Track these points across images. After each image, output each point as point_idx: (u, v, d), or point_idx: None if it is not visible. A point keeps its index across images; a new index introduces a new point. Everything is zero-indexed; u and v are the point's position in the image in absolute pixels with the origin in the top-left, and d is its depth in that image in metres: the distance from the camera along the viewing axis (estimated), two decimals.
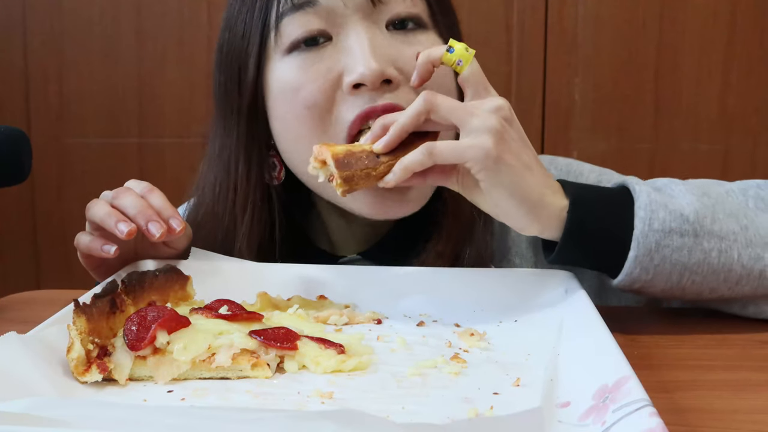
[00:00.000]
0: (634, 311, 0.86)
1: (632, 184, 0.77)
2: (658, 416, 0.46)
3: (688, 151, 1.87)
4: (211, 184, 0.93)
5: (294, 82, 0.84)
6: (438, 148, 0.70)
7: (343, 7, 0.82)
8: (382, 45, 0.83)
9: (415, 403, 0.56)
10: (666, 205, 0.74)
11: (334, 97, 0.83)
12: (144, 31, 1.92)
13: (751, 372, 0.67)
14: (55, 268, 2.00)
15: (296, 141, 0.86)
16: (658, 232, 0.73)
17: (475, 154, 0.69)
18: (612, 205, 0.75)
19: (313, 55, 0.83)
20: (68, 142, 1.97)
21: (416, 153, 0.70)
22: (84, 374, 0.59)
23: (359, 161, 0.71)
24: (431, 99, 0.71)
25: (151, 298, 0.70)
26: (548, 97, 1.88)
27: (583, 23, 1.86)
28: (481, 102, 0.73)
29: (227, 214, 0.91)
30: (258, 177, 0.90)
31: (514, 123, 0.73)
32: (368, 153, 0.72)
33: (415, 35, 0.85)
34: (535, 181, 0.72)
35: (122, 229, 0.78)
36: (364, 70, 0.80)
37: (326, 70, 0.83)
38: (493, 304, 0.78)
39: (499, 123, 0.70)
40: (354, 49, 0.81)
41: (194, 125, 1.91)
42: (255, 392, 0.59)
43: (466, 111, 0.71)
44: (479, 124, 0.70)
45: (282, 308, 0.75)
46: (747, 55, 1.85)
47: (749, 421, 0.56)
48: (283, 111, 0.86)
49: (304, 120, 0.84)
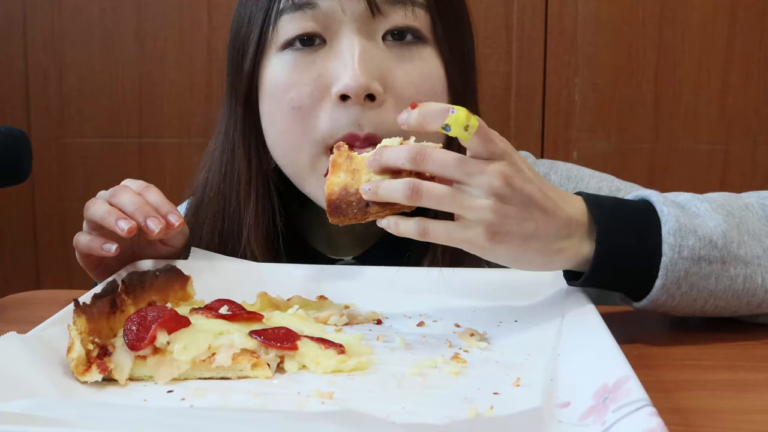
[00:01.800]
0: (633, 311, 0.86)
1: (657, 203, 0.73)
2: (658, 416, 0.46)
3: (688, 151, 1.87)
4: (216, 171, 0.94)
5: (284, 81, 0.85)
6: (432, 230, 0.67)
7: (341, 14, 0.82)
8: (375, 57, 0.82)
9: (415, 403, 0.56)
10: (695, 230, 0.71)
11: (322, 102, 0.83)
12: (144, 31, 1.92)
13: (751, 372, 0.67)
14: (55, 268, 2.00)
15: (280, 137, 0.88)
16: (687, 260, 0.70)
17: (470, 246, 0.68)
18: (639, 231, 0.71)
19: (306, 56, 0.84)
20: (68, 142, 1.96)
21: (410, 225, 0.67)
22: (84, 374, 0.59)
23: (349, 208, 0.68)
24: (417, 190, 0.65)
25: (151, 298, 0.70)
26: (548, 97, 1.88)
27: (583, 23, 1.86)
28: (473, 176, 0.66)
29: (232, 202, 0.92)
30: (258, 165, 0.91)
31: (515, 182, 0.66)
32: (359, 199, 0.68)
33: (411, 50, 0.85)
34: (541, 244, 0.68)
35: (122, 226, 0.78)
36: (350, 82, 0.80)
37: (317, 74, 0.83)
38: (493, 304, 0.78)
39: (493, 211, 0.66)
40: (345, 57, 0.81)
41: (194, 125, 1.91)
42: (255, 392, 0.59)
43: (456, 201, 0.66)
44: (472, 216, 0.66)
45: (282, 308, 0.75)
46: (747, 55, 1.85)
47: (749, 421, 0.56)
48: (270, 107, 0.87)
49: (288, 119, 0.85)
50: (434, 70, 0.86)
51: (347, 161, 0.69)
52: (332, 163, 0.70)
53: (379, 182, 0.67)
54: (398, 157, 0.66)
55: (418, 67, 0.85)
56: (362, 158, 0.69)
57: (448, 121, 0.65)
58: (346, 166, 0.69)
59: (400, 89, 0.83)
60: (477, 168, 0.66)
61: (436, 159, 0.66)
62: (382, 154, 0.67)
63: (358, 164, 0.69)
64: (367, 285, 0.81)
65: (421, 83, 0.85)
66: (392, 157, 0.67)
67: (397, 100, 0.83)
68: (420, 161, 0.66)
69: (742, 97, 1.86)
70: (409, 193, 0.65)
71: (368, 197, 0.67)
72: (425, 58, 0.85)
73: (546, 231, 0.68)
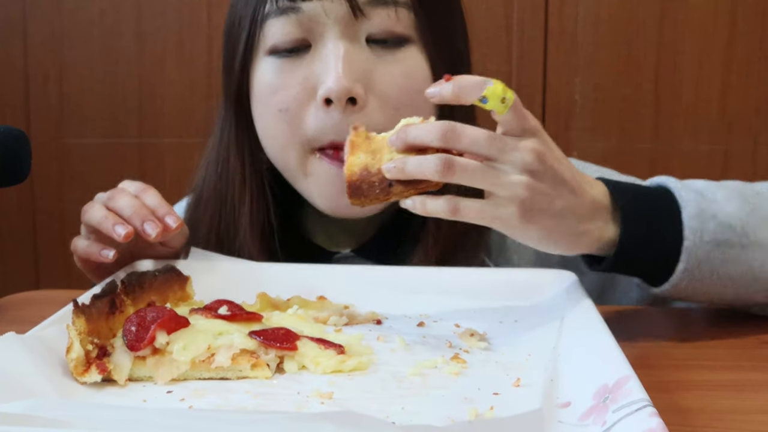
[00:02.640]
0: (634, 311, 0.86)
1: (675, 189, 0.74)
2: (658, 416, 0.46)
3: (688, 151, 1.87)
4: (212, 170, 0.95)
5: (271, 85, 0.86)
6: (464, 208, 0.65)
7: (324, 17, 0.83)
8: (358, 59, 0.83)
9: (415, 403, 0.56)
10: (715, 215, 0.72)
11: (307, 105, 0.85)
12: (144, 31, 1.92)
13: (751, 372, 0.67)
14: (55, 268, 2.00)
15: (269, 138, 0.89)
16: (708, 244, 0.71)
17: (501, 224, 0.67)
18: (660, 216, 0.72)
19: (291, 62, 0.85)
20: (68, 142, 1.96)
21: (440, 204, 0.65)
22: (83, 374, 0.59)
23: (371, 189, 0.66)
24: (450, 165, 0.63)
25: (150, 299, 0.70)
26: (548, 97, 1.88)
27: (583, 23, 1.85)
28: (506, 153, 0.65)
29: (228, 201, 0.92)
30: (251, 164, 0.92)
31: (547, 160, 0.66)
32: (381, 179, 0.66)
33: (394, 51, 0.85)
34: (568, 224, 0.68)
35: (119, 231, 0.78)
36: (332, 85, 0.81)
37: (303, 78, 0.84)
38: (493, 304, 0.78)
39: (526, 188, 0.65)
40: (328, 61, 0.82)
41: (194, 125, 1.91)
42: (254, 392, 0.59)
43: (488, 178, 0.65)
44: (504, 194, 0.65)
45: (282, 308, 0.75)
46: (747, 55, 1.85)
47: (749, 421, 0.56)
48: (259, 109, 0.89)
49: (276, 121, 0.87)
50: (419, 69, 0.86)
51: (366, 141, 0.68)
52: (351, 144, 0.68)
53: (405, 159, 0.65)
54: (427, 135, 0.64)
55: (402, 67, 0.85)
56: (382, 138, 0.68)
57: (486, 93, 0.64)
58: (365, 147, 0.67)
59: (384, 90, 0.84)
60: (510, 144, 0.65)
61: (469, 135, 0.64)
62: (407, 132, 0.65)
63: (377, 144, 0.67)
64: (367, 285, 0.81)
65: (405, 83, 0.85)
66: (420, 135, 0.65)
67: (381, 101, 0.84)
68: (452, 138, 0.64)
69: (742, 97, 1.85)
70: (442, 169, 0.63)
71: (393, 176, 0.65)
72: (409, 58, 0.85)
73: (573, 211, 0.68)
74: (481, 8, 1.83)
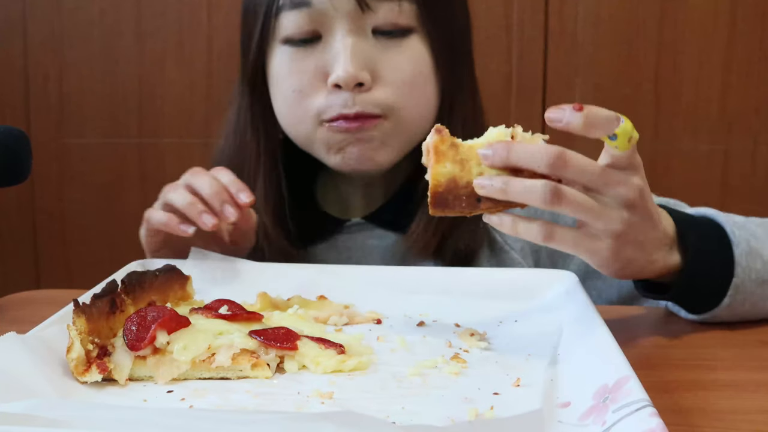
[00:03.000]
0: (634, 311, 0.86)
1: (726, 224, 0.75)
2: (658, 416, 0.46)
3: (688, 151, 1.87)
4: (230, 145, 1.02)
5: (287, 70, 0.94)
6: (559, 235, 0.64)
7: (333, 11, 0.90)
8: (364, 50, 0.90)
9: (415, 403, 0.56)
10: (762, 254, 0.75)
11: (318, 88, 0.92)
12: (144, 31, 1.92)
13: (751, 372, 0.67)
14: (55, 268, 2.00)
15: (284, 115, 0.97)
16: (753, 282, 0.74)
17: (591, 255, 0.67)
18: (718, 251, 0.74)
19: (304, 51, 0.92)
20: (68, 142, 1.96)
21: (534, 229, 0.63)
22: (84, 374, 0.59)
23: (457, 201, 0.63)
24: (558, 194, 0.61)
25: (151, 298, 0.70)
26: (548, 97, 1.88)
27: (583, 23, 1.85)
28: (611, 187, 0.65)
29: (243, 174, 0.96)
30: (266, 140, 0.99)
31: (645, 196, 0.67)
32: (470, 193, 0.62)
33: (399, 43, 0.92)
34: (646, 254, 0.69)
35: (206, 221, 0.82)
36: (341, 74, 0.88)
37: (314, 66, 0.92)
38: (493, 304, 0.78)
39: (624, 223, 0.65)
40: (337, 52, 0.90)
41: (194, 125, 1.91)
42: (255, 392, 0.59)
43: (592, 211, 0.64)
44: (602, 227, 0.65)
45: (282, 308, 0.75)
46: (747, 55, 1.85)
47: (749, 421, 0.56)
48: (276, 90, 0.97)
49: (290, 100, 0.94)
50: (421, 57, 0.93)
51: (451, 149, 0.63)
52: (435, 150, 0.63)
53: (507, 180, 0.61)
54: (534, 159, 0.61)
55: (405, 56, 0.92)
56: (468, 146, 0.63)
57: (618, 130, 0.63)
58: (451, 155, 0.63)
59: (388, 76, 0.91)
60: (616, 178, 0.64)
61: (578, 166, 0.63)
62: (511, 151, 0.62)
63: (464, 153, 0.63)
64: (367, 285, 0.81)
65: (408, 69, 0.92)
66: (526, 158, 0.61)
67: (385, 84, 0.92)
68: (560, 167, 0.62)
69: (742, 97, 1.85)
70: (550, 197, 0.61)
71: (488, 194, 0.62)
72: (412, 47, 0.92)
73: (652, 243, 0.69)
74: (481, 8, 1.83)
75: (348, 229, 1.01)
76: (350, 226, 1.01)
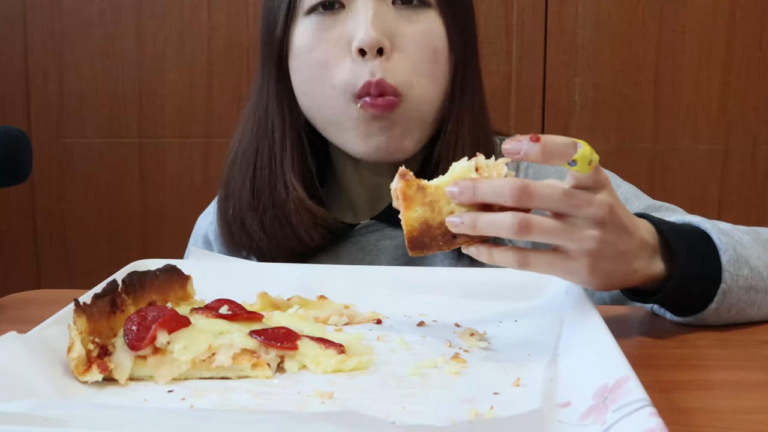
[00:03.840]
0: (634, 311, 0.86)
1: (712, 231, 0.76)
2: (658, 416, 0.46)
3: (688, 151, 1.87)
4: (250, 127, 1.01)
5: (310, 41, 0.94)
6: (534, 261, 0.66)
7: None
8: (385, 17, 0.92)
9: (415, 403, 0.56)
10: (748, 261, 0.75)
11: (343, 58, 0.93)
12: (144, 31, 1.92)
13: (751, 372, 0.67)
14: (55, 268, 2.00)
15: (307, 89, 0.97)
16: (741, 289, 0.75)
17: (571, 277, 0.68)
18: (704, 258, 0.75)
19: (327, 19, 0.94)
20: (68, 142, 1.97)
21: (508, 255, 0.65)
22: (84, 374, 0.59)
23: (434, 242, 0.65)
24: (526, 225, 0.63)
25: (151, 298, 0.70)
26: (548, 97, 1.88)
27: (583, 23, 1.86)
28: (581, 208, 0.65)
29: (265, 152, 0.99)
30: (290, 121, 1.00)
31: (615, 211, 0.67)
32: (444, 232, 0.65)
33: (417, 12, 0.94)
34: (625, 265, 0.69)
35: None
36: (364, 37, 0.90)
37: (338, 35, 0.93)
38: (493, 304, 0.78)
39: (597, 240, 0.65)
40: (360, 18, 0.92)
41: (194, 125, 1.91)
42: (255, 392, 0.59)
43: (563, 234, 0.65)
44: (576, 248, 0.66)
45: (282, 308, 0.75)
46: (747, 55, 1.85)
47: (749, 421, 0.56)
48: (299, 64, 0.96)
49: (315, 73, 0.95)
50: (436, 30, 0.95)
51: (419, 193, 0.65)
52: (403, 197, 0.65)
53: (476, 216, 0.63)
54: (499, 194, 0.63)
55: (422, 27, 0.95)
56: (435, 187, 0.65)
57: (576, 156, 0.63)
58: (419, 198, 0.65)
59: (405, 46, 0.93)
60: (584, 199, 0.65)
61: (542, 193, 0.63)
62: (476, 189, 0.63)
63: (432, 194, 0.65)
64: (367, 285, 0.81)
65: (424, 41, 0.94)
66: (490, 193, 0.63)
67: (403, 56, 0.93)
68: (526, 198, 0.63)
69: (742, 97, 1.86)
70: (519, 229, 0.62)
71: (461, 231, 0.64)
72: (429, 20, 0.95)
73: (630, 253, 0.69)
74: (481, 8, 1.83)
75: (358, 231, 1.01)
76: (360, 229, 1.01)
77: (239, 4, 1.87)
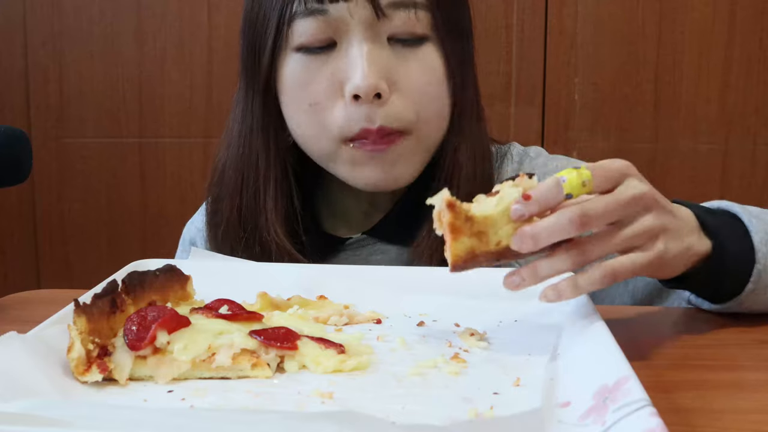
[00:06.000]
0: (634, 311, 0.86)
1: (742, 213, 0.76)
2: (658, 416, 0.46)
3: (688, 151, 1.87)
4: (234, 153, 0.97)
5: (301, 80, 0.91)
6: (620, 267, 0.65)
7: (349, 18, 0.87)
8: (381, 58, 0.88)
9: (415, 402, 0.56)
10: None
11: (336, 99, 0.89)
12: (144, 31, 1.92)
13: (751, 372, 0.67)
14: (55, 268, 2.01)
15: (300, 129, 0.93)
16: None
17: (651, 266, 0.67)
18: (738, 238, 0.74)
19: (318, 58, 0.90)
20: (68, 142, 1.97)
21: (595, 275, 0.64)
22: (84, 374, 0.59)
23: (476, 265, 0.65)
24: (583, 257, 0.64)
25: (151, 298, 0.70)
26: (548, 97, 1.88)
27: (583, 23, 1.86)
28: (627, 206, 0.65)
29: (250, 181, 0.95)
30: (276, 150, 0.96)
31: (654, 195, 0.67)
32: (489, 258, 0.65)
33: (413, 49, 0.90)
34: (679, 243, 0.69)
35: None
36: (360, 83, 0.86)
37: (330, 74, 0.89)
38: (493, 304, 0.78)
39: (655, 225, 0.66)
40: (355, 60, 0.87)
41: (194, 125, 1.91)
42: (255, 392, 0.59)
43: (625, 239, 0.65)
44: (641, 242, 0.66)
45: (282, 308, 0.75)
46: (747, 55, 1.85)
47: (749, 421, 0.56)
48: (290, 101, 0.93)
49: (307, 114, 0.91)
50: (435, 64, 0.91)
51: (467, 224, 0.63)
52: (451, 228, 0.63)
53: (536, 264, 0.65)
54: (563, 230, 0.63)
55: (420, 64, 0.90)
56: (483, 217, 0.64)
57: (567, 191, 0.64)
58: (467, 229, 0.64)
59: (405, 85, 0.90)
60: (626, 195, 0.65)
61: (599, 214, 0.64)
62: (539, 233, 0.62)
63: (479, 225, 0.64)
64: (367, 285, 0.81)
65: (424, 78, 0.90)
66: (555, 231, 0.63)
67: (403, 95, 0.89)
68: (587, 224, 0.63)
69: (742, 97, 1.86)
70: (574, 266, 0.64)
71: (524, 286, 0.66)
72: (427, 54, 0.91)
73: (679, 231, 0.69)
74: (481, 8, 1.83)
75: (350, 246, 0.99)
76: (352, 243, 1.00)
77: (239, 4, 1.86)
